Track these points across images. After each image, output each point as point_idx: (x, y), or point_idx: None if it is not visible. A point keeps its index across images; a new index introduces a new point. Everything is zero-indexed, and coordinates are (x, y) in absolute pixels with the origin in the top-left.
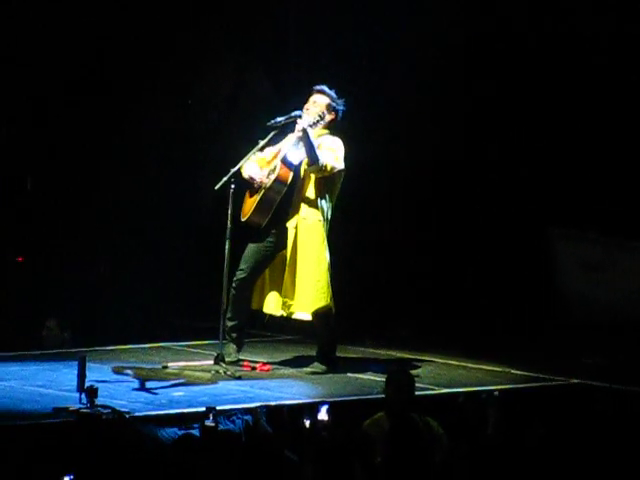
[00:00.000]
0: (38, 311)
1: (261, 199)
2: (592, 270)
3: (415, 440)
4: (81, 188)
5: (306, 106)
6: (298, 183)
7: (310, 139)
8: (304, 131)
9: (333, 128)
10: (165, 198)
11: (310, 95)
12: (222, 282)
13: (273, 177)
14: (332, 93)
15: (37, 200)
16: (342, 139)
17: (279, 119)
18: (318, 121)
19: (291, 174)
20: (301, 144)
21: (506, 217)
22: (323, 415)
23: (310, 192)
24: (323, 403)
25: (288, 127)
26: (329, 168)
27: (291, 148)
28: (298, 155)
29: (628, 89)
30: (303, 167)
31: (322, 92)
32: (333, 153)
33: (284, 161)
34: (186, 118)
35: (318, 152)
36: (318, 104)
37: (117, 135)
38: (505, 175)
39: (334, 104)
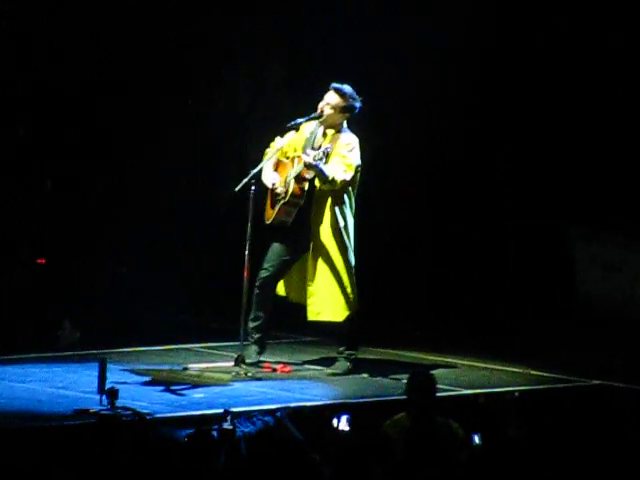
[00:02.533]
0: (55, 312)
1: (279, 209)
2: (612, 270)
3: (435, 441)
4: (100, 190)
5: (320, 105)
6: (316, 192)
7: (319, 167)
8: (309, 166)
9: (348, 125)
10: (184, 199)
11: (327, 92)
12: (242, 283)
13: (290, 191)
14: (348, 91)
15: (57, 202)
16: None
17: (299, 120)
18: (321, 158)
19: (305, 188)
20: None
21: (528, 217)
22: (344, 425)
23: (329, 199)
24: (343, 412)
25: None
26: (339, 182)
27: (302, 165)
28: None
29: None
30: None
31: (337, 91)
32: (343, 161)
33: (296, 179)
34: (205, 120)
35: (327, 171)
36: (331, 105)
37: (136, 139)
38: (528, 175)
39: (348, 103)
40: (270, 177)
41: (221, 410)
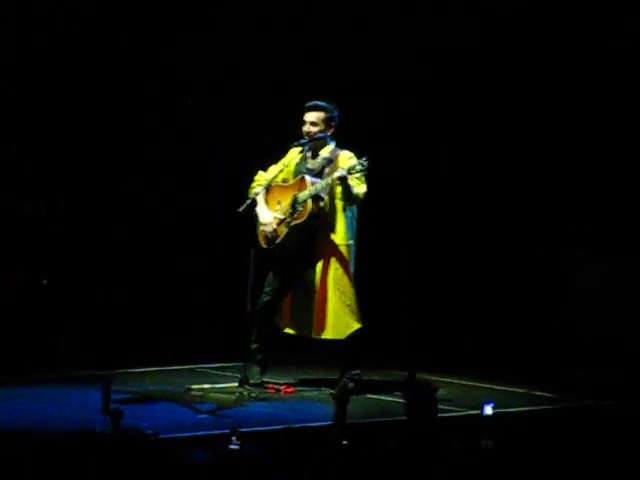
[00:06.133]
0: (60, 332)
1: (290, 231)
2: (606, 289)
3: (439, 460)
4: (105, 209)
5: (304, 129)
6: (327, 209)
7: (349, 185)
8: (343, 179)
9: (337, 136)
10: (187, 218)
11: (304, 115)
12: (245, 305)
13: (307, 211)
14: (323, 103)
15: (61, 222)
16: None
17: (302, 141)
18: (354, 168)
19: (321, 206)
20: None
21: (519, 240)
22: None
23: (334, 216)
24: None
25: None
26: (362, 196)
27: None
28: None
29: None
30: (326, 197)
31: (314, 107)
32: (358, 178)
33: (313, 198)
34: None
35: (353, 190)
36: (315, 122)
37: (140, 157)
38: (519, 195)
39: (330, 113)
40: (266, 215)
41: (226, 430)
